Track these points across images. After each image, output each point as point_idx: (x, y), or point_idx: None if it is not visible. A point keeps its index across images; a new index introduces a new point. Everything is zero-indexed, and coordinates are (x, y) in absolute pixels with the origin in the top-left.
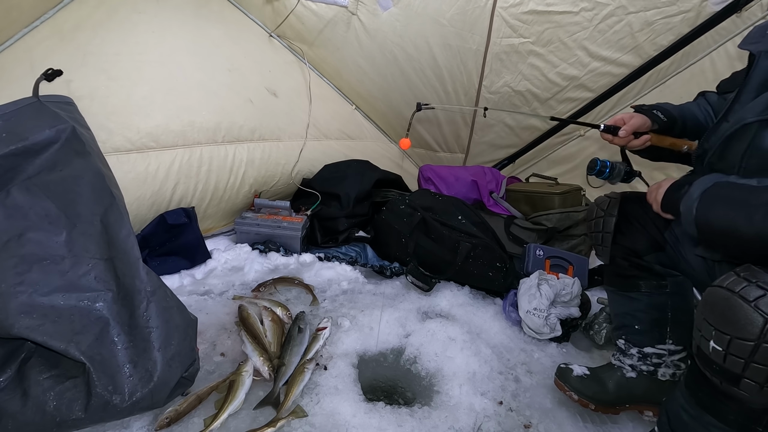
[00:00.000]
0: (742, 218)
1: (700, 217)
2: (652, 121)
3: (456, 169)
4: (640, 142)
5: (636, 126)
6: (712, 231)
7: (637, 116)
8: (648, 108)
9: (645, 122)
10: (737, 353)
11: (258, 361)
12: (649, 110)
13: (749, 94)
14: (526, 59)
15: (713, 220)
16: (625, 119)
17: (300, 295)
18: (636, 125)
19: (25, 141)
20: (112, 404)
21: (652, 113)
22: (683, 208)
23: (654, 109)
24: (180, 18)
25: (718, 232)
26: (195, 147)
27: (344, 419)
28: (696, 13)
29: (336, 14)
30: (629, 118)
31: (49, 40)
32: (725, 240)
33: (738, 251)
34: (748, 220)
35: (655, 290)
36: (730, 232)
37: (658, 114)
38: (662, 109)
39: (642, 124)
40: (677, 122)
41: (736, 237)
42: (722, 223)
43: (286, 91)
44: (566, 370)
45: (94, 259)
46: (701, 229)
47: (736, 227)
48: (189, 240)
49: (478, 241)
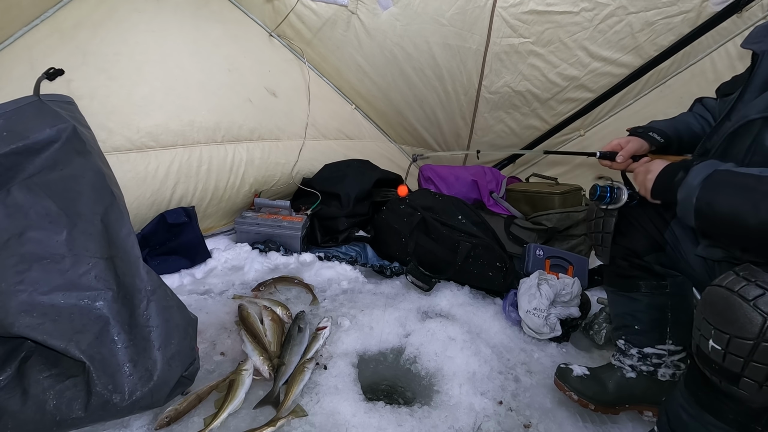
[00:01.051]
0: (749, 207)
1: (702, 203)
2: (648, 143)
3: (456, 169)
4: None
5: (632, 151)
6: (714, 219)
7: (633, 140)
8: (643, 130)
9: (642, 145)
10: (736, 352)
11: (258, 360)
12: (645, 133)
13: (753, 92)
14: (526, 59)
15: (717, 207)
16: (621, 144)
17: (300, 294)
18: (632, 150)
19: (26, 140)
20: (112, 403)
21: (648, 135)
22: (681, 195)
23: (649, 131)
24: (180, 17)
25: (722, 220)
26: (194, 146)
27: (344, 419)
28: (696, 14)
29: (336, 13)
30: (625, 142)
31: (49, 39)
32: (726, 229)
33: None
34: (755, 209)
35: (655, 290)
36: (733, 220)
37: (654, 136)
38: (657, 129)
39: (639, 148)
40: (673, 141)
41: (740, 226)
42: (726, 211)
43: (286, 90)
44: (566, 370)
45: (95, 258)
46: (702, 216)
47: (740, 216)
48: (189, 239)
49: (478, 240)
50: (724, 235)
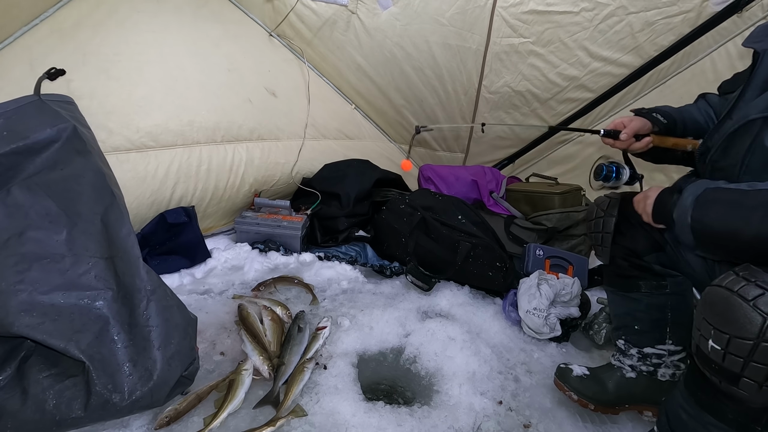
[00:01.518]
0: (740, 220)
1: (696, 222)
2: (652, 124)
3: (456, 169)
4: (642, 144)
5: (636, 129)
6: (709, 235)
7: (636, 119)
8: (647, 111)
9: (645, 125)
10: (736, 352)
11: (258, 360)
12: (649, 113)
13: (753, 91)
14: (526, 59)
15: (710, 224)
16: (625, 122)
17: (300, 294)
18: (636, 128)
19: (26, 140)
20: (112, 403)
21: (652, 116)
22: (677, 215)
23: (653, 111)
24: (180, 17)
25: (716, 235)
26: (194, 146)
27: (344, 418)
28: (697, 14)
29: (336, 13)
30: (629, 121)
31: (49, 39)
32: (723, 243)
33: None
34: (746, 222)
35: (654, 290)
36: (728, 234)
37: (658, 116)
38: (662, 111)
39: (642, 127)
40: (677, 124)
41: (735, 239)
42: (719, 227)
43: (285, 90)
44: (566, 370)
45: (95, 257)
46: (698, 234)
47: (734, 230)
48: (189, 239)
49: (478, 240)
50: (722, 250)
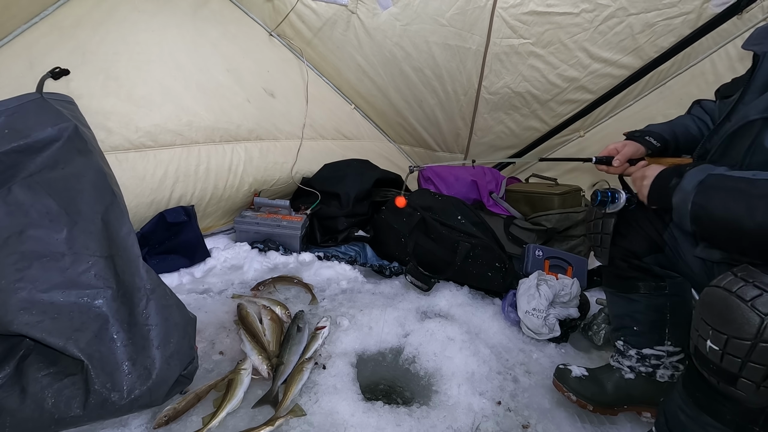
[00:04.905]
0: (743, 210)
1: (697, 208)
2: (645, 147)
3: (456, 169)
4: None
5: (629, 155)
6: (709, 222)
7: (629, 144)
8: (639, 134)
9: (638, 149)
10: (734, 353)
11: (257, 359)
12: (641, 137)
13: (753, 93)
14: (526, 60)
15: (712, 211)
16: (618, 148)
17: (299, 294)
18: (629, 154)
19: (27, 138)
20: (111, 401)
21: (644, 140)
22: (677, 200)
23: (645, 135)
24: (179, 17)
25: (718, 224)
26: (193, 146)
27: (343, 418)
28: (697, 15)
29: (336, 13)
30: (622, 146)
31: (49, 37)
32: (723, 233)
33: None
34: (750, 212)
35: (653, 292)
36: (729, 224)
37: (650, 140)
38: (653, 133)
39: (635, 152)
40: (670, 144)
41: (736, 230)
42: (721, 215)
43: (284, 91)
44: (565, 370)
45: (94, 256)
46: (698, 221)
47: (736, 219)
48: (188, 238)
49: (477, 241)
50: (721, 239)
